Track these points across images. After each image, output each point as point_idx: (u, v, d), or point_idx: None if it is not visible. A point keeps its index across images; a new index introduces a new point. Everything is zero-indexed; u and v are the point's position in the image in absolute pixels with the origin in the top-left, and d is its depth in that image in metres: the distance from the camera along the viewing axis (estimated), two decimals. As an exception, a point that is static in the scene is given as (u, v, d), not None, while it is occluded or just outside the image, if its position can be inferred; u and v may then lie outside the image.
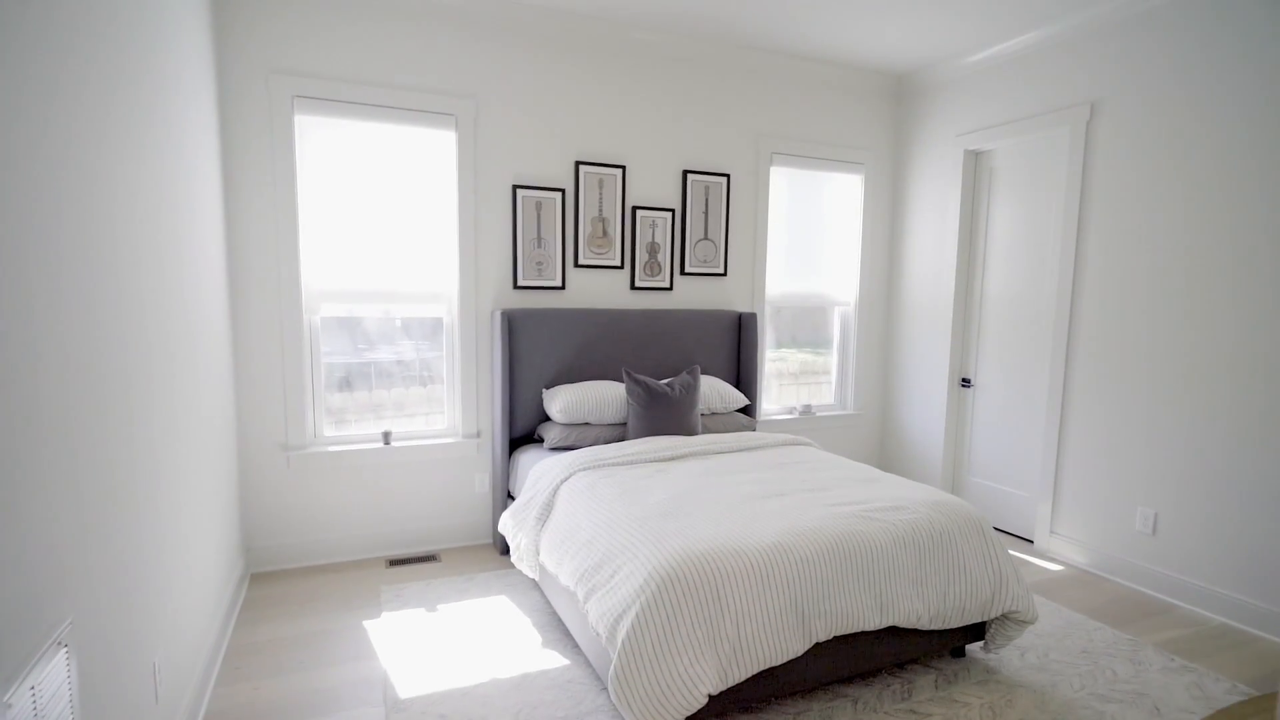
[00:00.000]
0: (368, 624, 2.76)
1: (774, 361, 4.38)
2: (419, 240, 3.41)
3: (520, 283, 3.57)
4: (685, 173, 3.87)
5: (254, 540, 3.24)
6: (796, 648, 2.01)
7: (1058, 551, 3.59)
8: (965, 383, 4.17)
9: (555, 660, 2.50)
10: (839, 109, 4.26)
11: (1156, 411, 3.12)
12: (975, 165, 4.05)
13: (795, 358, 4.45)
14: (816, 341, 4.51)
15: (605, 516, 2.35)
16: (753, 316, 3.94)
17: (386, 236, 3.34)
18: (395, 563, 3.39)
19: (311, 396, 3.30)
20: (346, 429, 3.42)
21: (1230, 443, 2.87)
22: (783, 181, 4.23)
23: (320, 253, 3.24)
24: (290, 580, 3.17)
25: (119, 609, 1.48)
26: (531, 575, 2.76)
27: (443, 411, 3.60)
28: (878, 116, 4.39)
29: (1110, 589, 3.23)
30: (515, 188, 3.49)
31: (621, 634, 1.89)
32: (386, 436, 3.40)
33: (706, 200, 3.94)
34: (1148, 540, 3.19)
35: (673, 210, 3.87)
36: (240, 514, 3.15)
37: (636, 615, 1.88)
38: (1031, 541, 3.81)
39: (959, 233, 4.07)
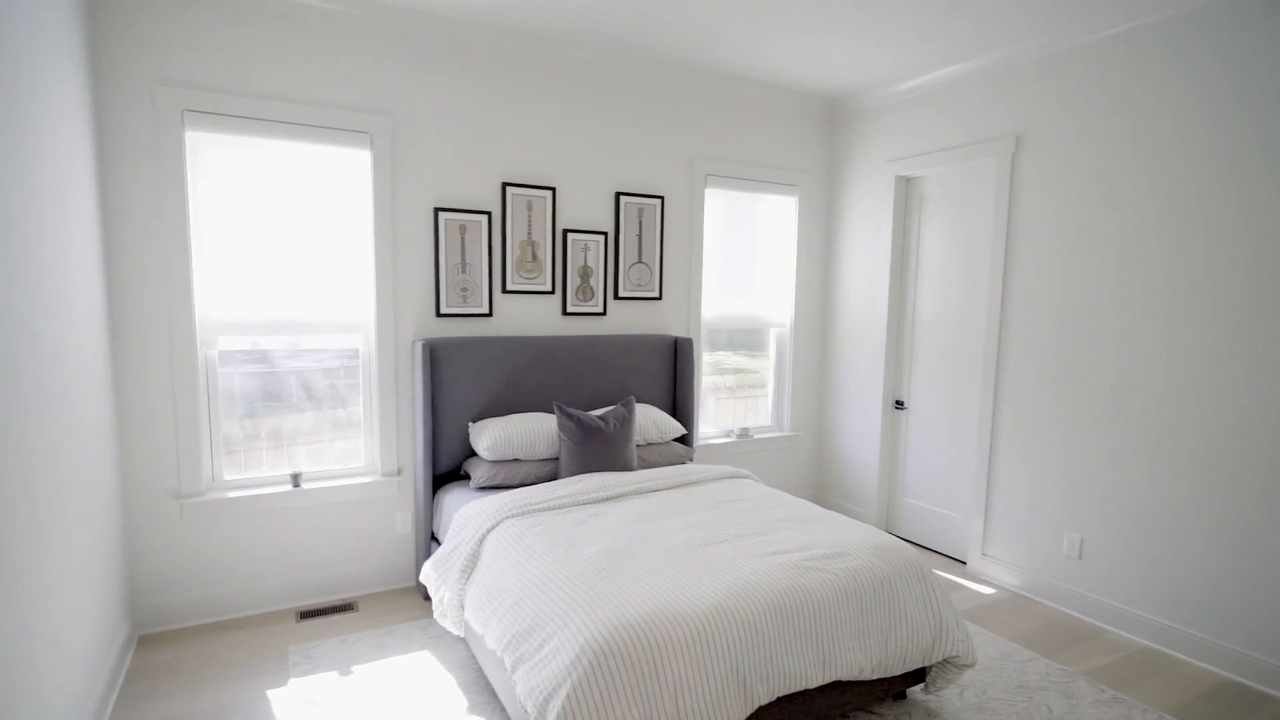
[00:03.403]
0: (272, 694, 2.50)
1: (711, 375, 4.29)
2: (332, 267, 3.15)
3: (444, 310, 3.35)
4: (618, 194, 3.74)
5: (142, 599, 2.91)
6: (738, 715, 1.90)
7: (990, 574, 3.63)
8: (899, 404, 4.20)
9: (481, 728, 2.31)
10: (773, 131, 4.22)
11: (1082, 437, 3.19)
12: (906, 191, 4.08)
13: (730, 361, 4.38)
14: (752, 345, 4.47)
15: (535, 575, 2.19)
16: (689, 342, 3.84)
17: (295, 263, 3.08)
18: (307, 614, 3.12)
19: (209, 439, 3.00)
20: (251, 471, 3.13)
21: (1153, 470, 2.94)
22: (718, 203, 4.16)
23: (219, 281, 2.95)
24: (185, 642, 2.86)
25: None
26: (456, 632, 2.56)
27: (359, 449, 3.34)
28: (811, 139, 4.38)
29: (1041, 613, 3.27)
30: (437, 210, 3.28)
31: (552, 715, 1.73)
32: (296, 479, 3.13)
33: (640, 222, 3.83)
34: (1075, 564, 3.25)
35: (606, 233, 3.73)
36: (125, 572, 2.82)
37: (568, 695, 1.73)
38: (964, 563, 3.85)
39: (891, 257, 4.09)
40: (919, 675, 2.41)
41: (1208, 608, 2.79)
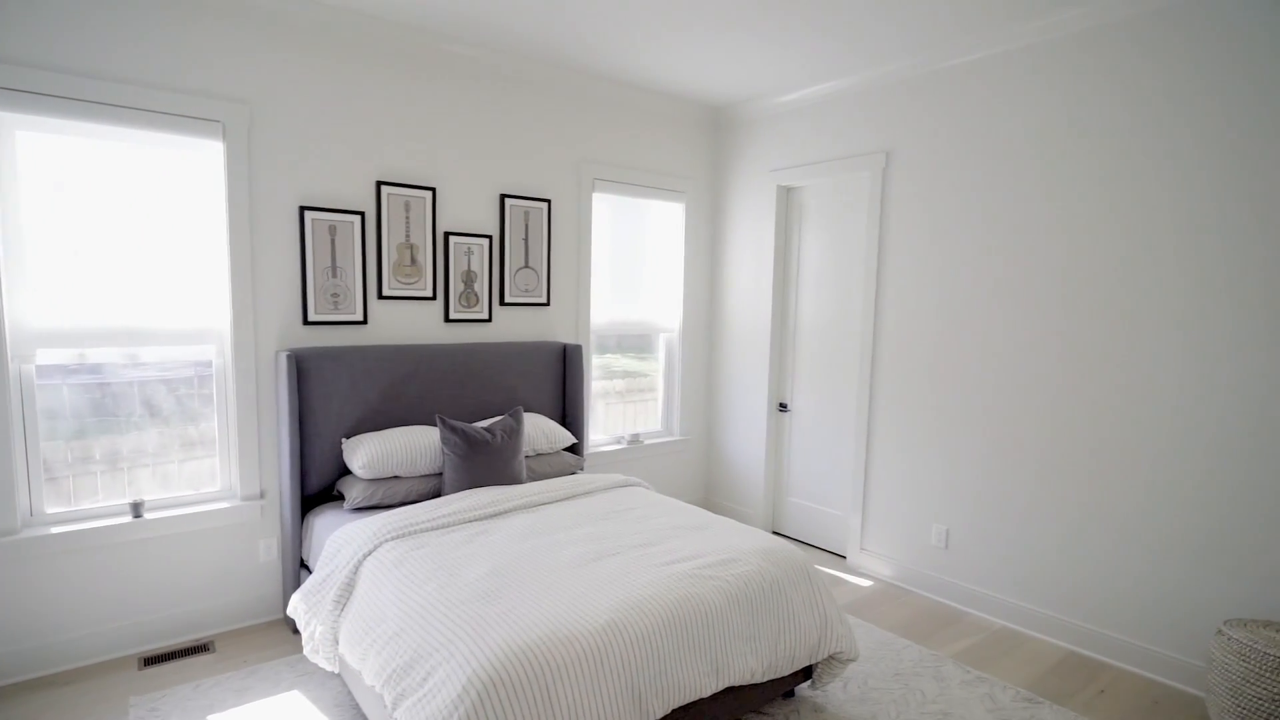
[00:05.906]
0: (108, 756, 2.20)
1: (600, 379, 4.25)
2: (179, 270, 2.83)
3: (312, 317, 3.10)
4: (503, 197, 3.62)
5: (-61, 659, 2.48)
6: (633, 733, 1.86)
7: (868, 567, 3.82)
8: (783, 407, 4.34)
9: (359, 771, 2.14)
10: (660, 137, 4.25)
11: (949, 434, 3.42)
12: (787, 200, 4.22)
13: (620, 364, 4.36)
14: (641, 348, 4.47)
15: (417, 602, 2.05)
16: (578, 348, 3.78)
17: (134, 265, 2.74)
18: (152, 660, 2.77)
19: (25, 468, 2.60)
20: (82, 502, 2.75)
21: (1008, 464, 3.20)
22: (606, 208, 4.13)
23: (38, 285, 2.57)
24: (-4, 705, 2.46)
25: None
26: (330, 668, 2.36)
27: (214, 471, 3.02)
28: (698, 147, 4.45)
29: (913, 601, 3.48)
30: (303, 209, 3.03)
31: (435, 756, 1.62)
32: (137, 508, 2.78)
33: (527, 226, 3.72)
34: (942, 553, 3.48)
35: (490, 236, 3.59)
36: (-86, 629, 2.39)
37: (453, 731, 1.62)
38: (844, 558, 4.04)
39: (774, 264, 4.22)
40: (806, 673, 2.48)
41: (1054, 587, 3.06)
